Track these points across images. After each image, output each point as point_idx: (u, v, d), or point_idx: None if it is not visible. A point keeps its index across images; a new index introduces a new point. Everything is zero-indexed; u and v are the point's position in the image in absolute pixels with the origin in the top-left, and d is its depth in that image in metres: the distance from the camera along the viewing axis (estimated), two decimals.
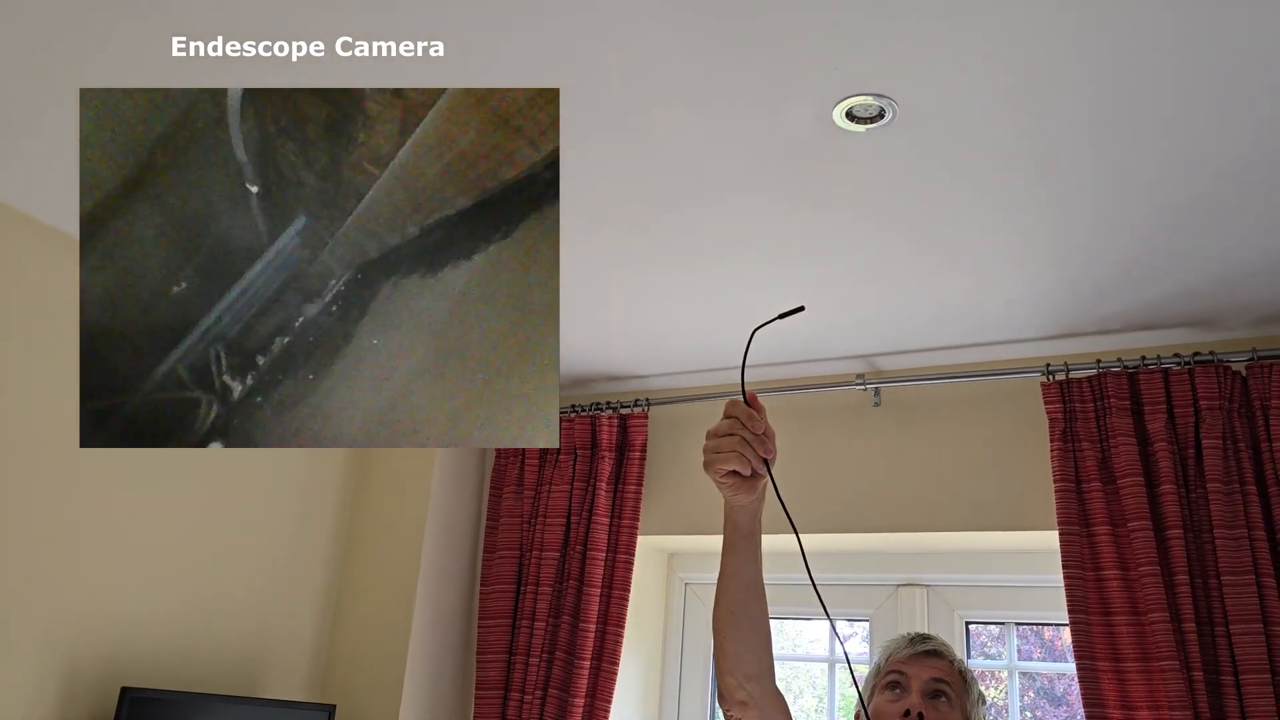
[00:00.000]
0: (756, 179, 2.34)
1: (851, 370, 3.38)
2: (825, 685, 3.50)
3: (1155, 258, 2.56)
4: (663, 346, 3.38)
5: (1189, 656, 2.59)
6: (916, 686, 2.00)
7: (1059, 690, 3.22)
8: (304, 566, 3.49)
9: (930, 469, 3.18)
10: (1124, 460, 2.79)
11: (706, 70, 1.95)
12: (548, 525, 3.54)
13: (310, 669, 3.49)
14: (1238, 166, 2.17)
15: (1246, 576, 2.57)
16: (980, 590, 3.28)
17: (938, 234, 2.52)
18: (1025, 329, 3.02)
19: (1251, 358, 2.76)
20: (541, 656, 3.40)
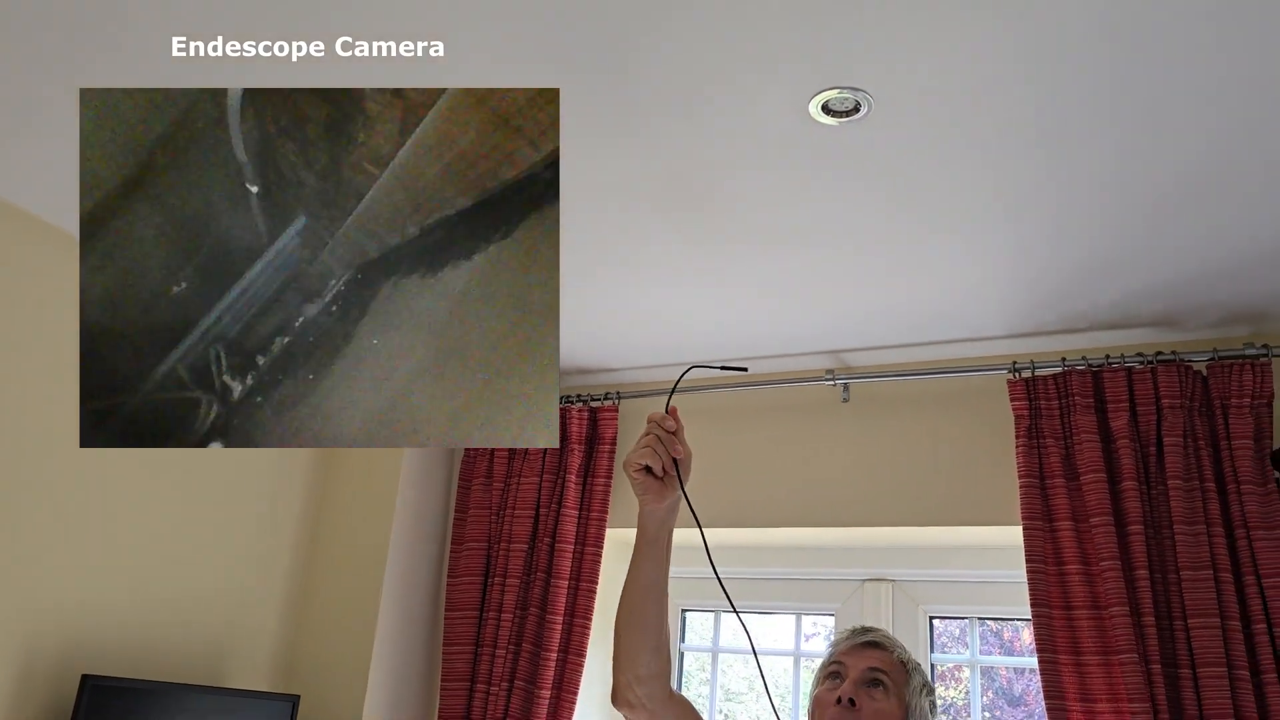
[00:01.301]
0: (729, 173, 2.35)
1: (821, 366, 3.41)
2: (790, 684, 3.53)
3: (1119, 258, 2.60)
4: (633, 340, 3.39)
5: (1148, 650, 2.63)
6: (854, 676, 2.02)
7: (1017, 690, 3.27)
8: (270, 556, 3.47)
9: (898, 464, 3.21)
10: (1087, 457, 2.83)
11: (680, 62, 1.96)
12: (516, 517, 3.54)
13: (275, 659, 3.47)
14: (1198, 168, 2.21)
15: (1205, 571, 2.63)
16: (944, 585, 3.32)
17: (909, 231, 2.55)
18: (992, 327, 3.06)
19: (1212, 358, 2.81)
20: (508, 648, 3.40)
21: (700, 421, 3.53)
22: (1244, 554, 2.63)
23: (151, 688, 2.82)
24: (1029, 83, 1.95)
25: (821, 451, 3.33)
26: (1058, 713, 2.70)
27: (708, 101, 2.08)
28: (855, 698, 1.97)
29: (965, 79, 1.95)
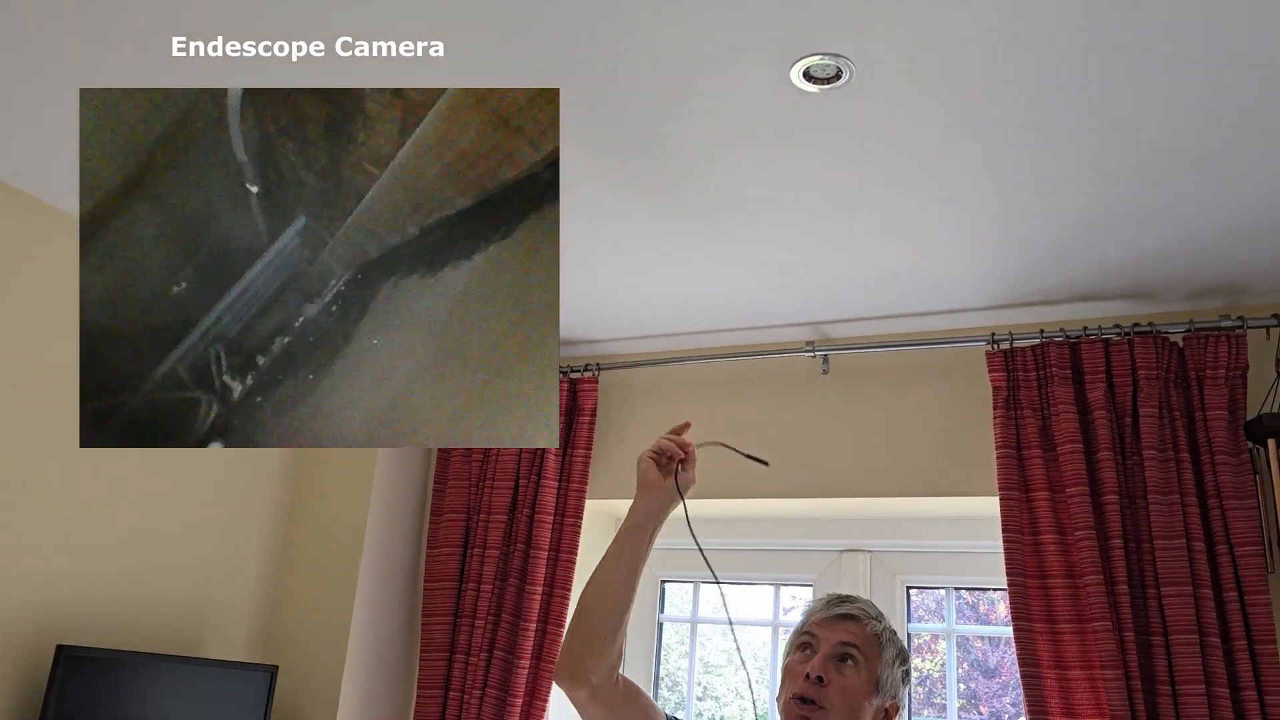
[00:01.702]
0: (710, 142, 2.34)
1: (801, 338, 3.42)
2: (767, 656, 3.57)
3: (1095, 231, 2.63)
4: (614, 312, 3.40)
5: (1121, 618, 2.68)
6: (824, 650, 2.00)
7: (992, 663, 3.33)
8: (248, 526, 3.47)
9: (877, 436, 3.24)
10: (1064, 428, 2.87)
11: (661, 30, 1.94)
12: (495, 489, 3.55)
13: (253, 630, 3.47)
14: (1178, 141, 2.23)
15: (1178, 540, 2.68)
16: (922, 556, 3.36)
17: (890, 202, 2.55)
18: (971, 299, 3.08)
19: (1189, 329, 2.84)
20: (488, 619, 3.41)
21: (681, 393, 3.55)
22: (1216, 523, 2.68)
23: (127, 658, 2.81)
24: (1010, 52, 1.95)
25: (801, 423, 3.35)
26: (1032, 680, 2.75)
27: (688, 68, 2.06)
28: (824, 674, 1.95)
29: (947, 45, 1.94)
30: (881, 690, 1.99)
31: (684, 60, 2.03)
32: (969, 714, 3.27)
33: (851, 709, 1.95)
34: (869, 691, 1.98)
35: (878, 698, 1.98)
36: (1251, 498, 2.67)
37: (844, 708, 1.94)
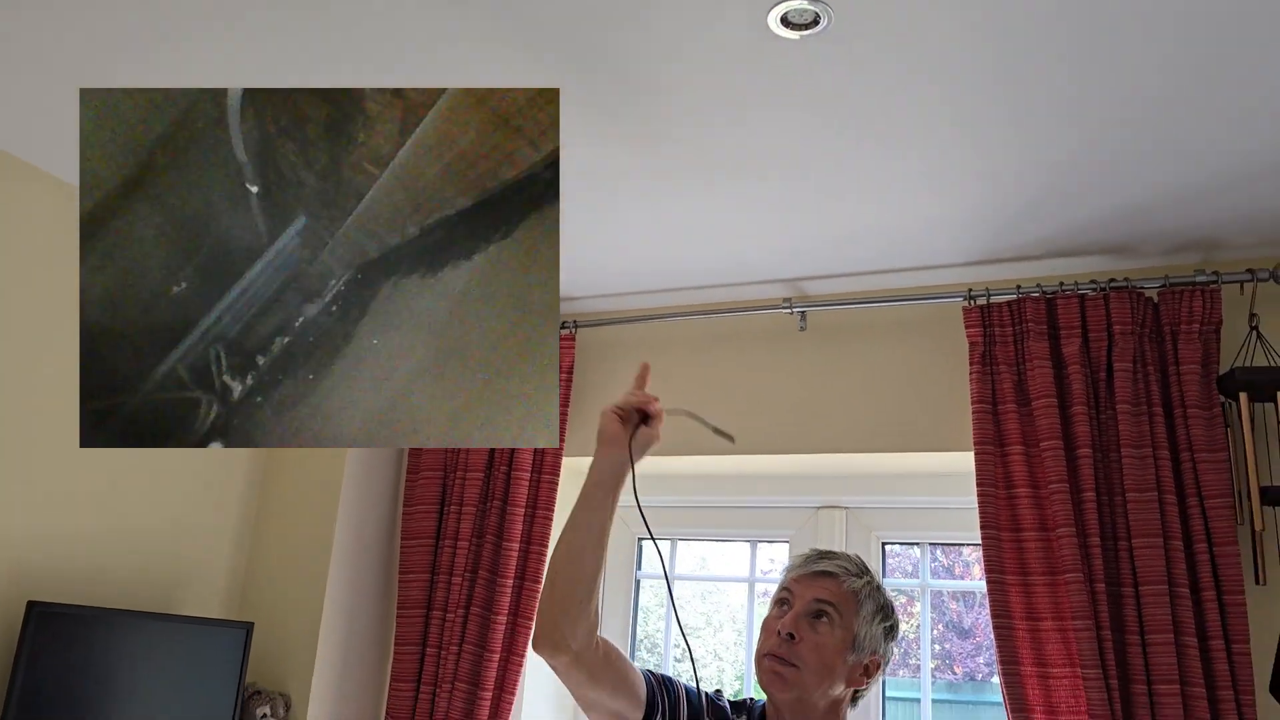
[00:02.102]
0: (685, 89, 2.30)
1: (778, 294, 3.43)
2: (745, 619, 3.61)
3: (1072, 186, 2.64)
4: (590, 269, 3.38)
5: (1093, 569, 2.73)
6: (798, 607, 2.01)
7: (967, 624, 3.38)
8: (224, 483, 3.46)
9: (854, 392, 3.26)
10: (1039, 383, 2.90)
11: None
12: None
13: (229, 587, 3.47)
14: (1150, 98, 2.24)
15: (1150, 493, 2.73)
16: (897, 512, 3.40)
17: (867, 155, 2.54)
18: (948, 254, 3.09)
19: (1164, 285, 2.87)
20: (465, 575, 3.43)
21: (658, 350, 3.56)
22: (1188, 476, 2.73)
23: (100, 614, 2.78)
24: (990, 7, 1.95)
25: (778, 380, 3.37)
26: (1004, 631, 2.80)
27: (666, 15, 2.00)
28: (795, 630, 1.96)
29: None
30: (859, 647, 1.99)
31: (662, 7, 1.99)
32: (943, 674, 3.34)
33: (825, 665, 1.96)
34: (844, 648, 1.98)
35: (853, 654, 1.98)
36: (1222, 451, 2.72)
37: (817, 665, 1.95)
